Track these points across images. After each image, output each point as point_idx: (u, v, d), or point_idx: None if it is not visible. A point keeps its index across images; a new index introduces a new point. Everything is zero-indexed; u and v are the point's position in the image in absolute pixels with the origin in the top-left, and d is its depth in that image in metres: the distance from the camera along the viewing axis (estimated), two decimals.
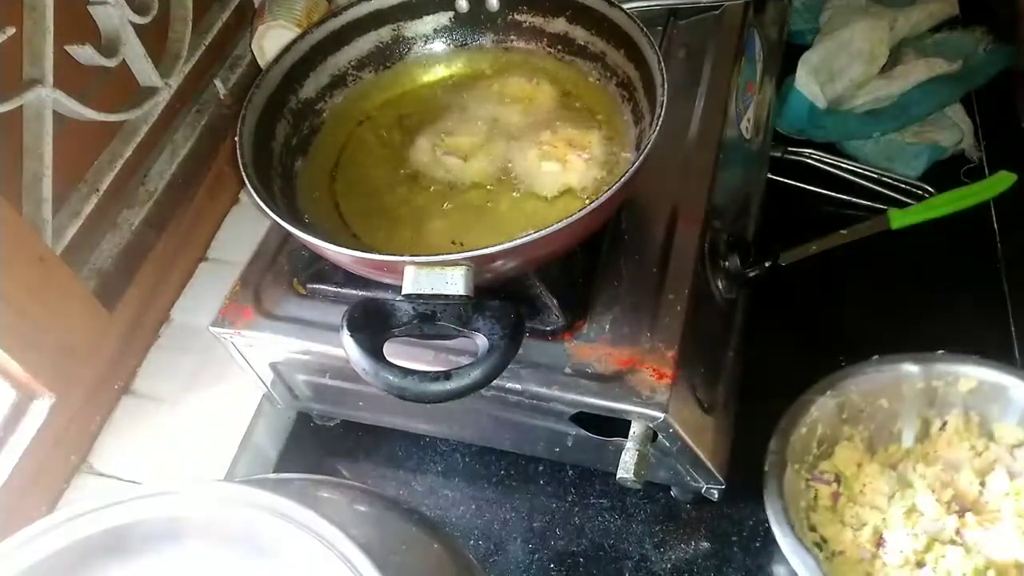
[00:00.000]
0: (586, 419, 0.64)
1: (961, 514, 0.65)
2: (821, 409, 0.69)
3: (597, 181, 0.68)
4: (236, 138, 0.64)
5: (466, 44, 0.79)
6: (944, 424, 0.70)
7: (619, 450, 0.61)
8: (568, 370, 0.62)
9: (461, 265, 0.54)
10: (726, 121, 0.77)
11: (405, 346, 0.62)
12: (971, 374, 0.68)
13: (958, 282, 0.85)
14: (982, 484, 0.67)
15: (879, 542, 0.65)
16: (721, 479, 0.68)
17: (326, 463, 0.82)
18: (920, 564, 0.63)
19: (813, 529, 0.67)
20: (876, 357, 0.70)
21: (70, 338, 0.73)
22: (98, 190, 0.77)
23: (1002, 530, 0.64)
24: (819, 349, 0.80)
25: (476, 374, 0.53)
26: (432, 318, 0.55)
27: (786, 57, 1.00)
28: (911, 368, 0.69)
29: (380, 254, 0.56)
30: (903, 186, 0.93)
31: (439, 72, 0.79)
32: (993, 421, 0.69)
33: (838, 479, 0.69)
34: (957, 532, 0.64)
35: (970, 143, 0.96)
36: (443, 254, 0.54)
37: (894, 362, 0.70)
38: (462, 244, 0.65)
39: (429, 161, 0.71)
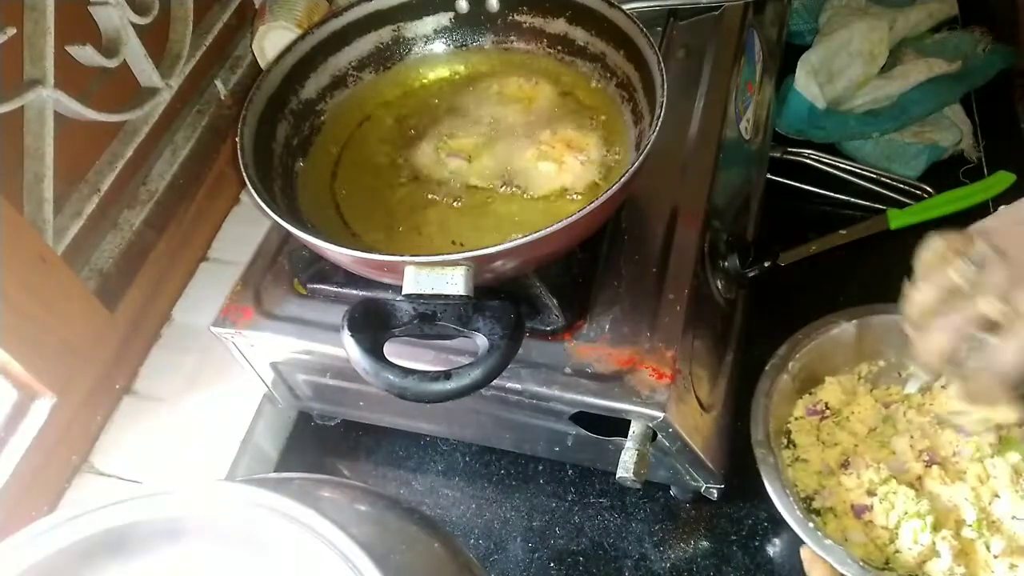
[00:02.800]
0: (586, 419, 0.64)
1: (929, 465, 0.68)
2: (843, 332, 0.72)
3: (593, 183, 0.68)
4: (237, 138, 0.64)
5: (466, 45, 0.79)
6: (946, 384, 0.73)
7: (619, 449, 0.62)
8: (568, 370, 0.63)
9: (461, 265, 0.55)
10: (726, 121, 0.77)
11: (405, 346, 0.63)
12: None
13: None
14: (957, 446, 0.70)
15: (843, 463, 0.69)
16: (720, 478, 0.68)
17: (327, 462, 0.82)
18: (871, 492, 0.67)
19: (788, 435, 0.71)
20: None
21: (71, 338, 0.73)
22: (99, 190, 0.77)
23: (958, 488, 0.67)
24: None
25: (476, 374, 0.53)
26: (432, 318, 0.55)
27: (786, 57, 1.00)
28: None
29: (380, 254, 0.56)
30: (902, 186, 0.93)
31: (439, 73, 0.79)
32: None
33: (827, 408, 0.73)
34: (919, 479, 0.68)
35: (969, 143, 0.96)
36: (443, 254, 0.54)
37: None
38: (462, 244, 0.66)
39: (432, 162, 0.71)
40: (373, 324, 0.55)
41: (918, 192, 0.92)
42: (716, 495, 0.71)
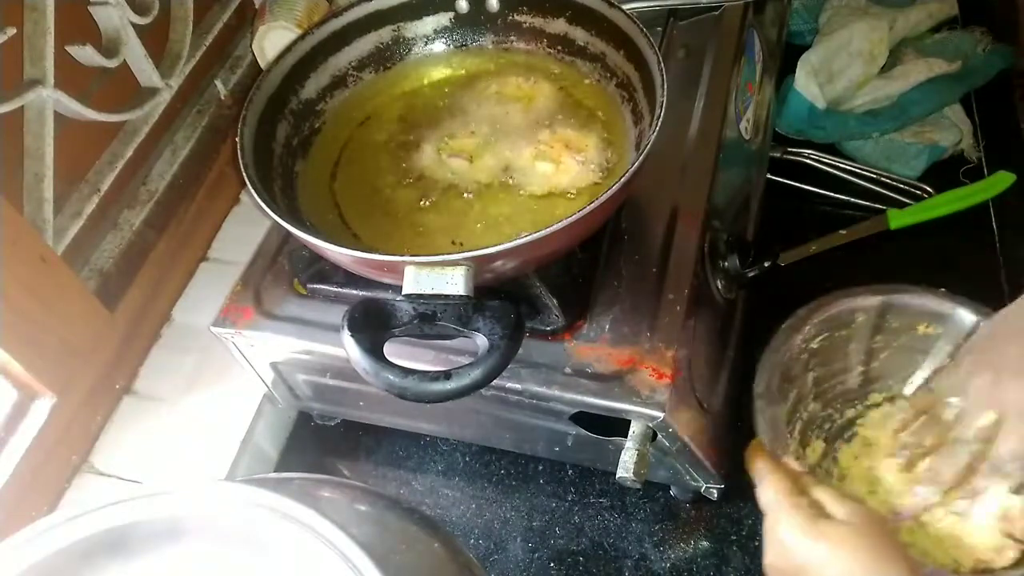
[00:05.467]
0: (586, 418, 0.64)
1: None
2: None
3: (590, 184, 0.68)
4: (237, 138, 0.64)
5: (466, 45, 0.79)
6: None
7: (619, 449, 0.62)
8: (568, 370, 0.63)
9: (461, 265, 0.55)
10: (726, 121, 0.77)
11: (405, 346, 0.62)
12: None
13: (957, 282, 0.85)
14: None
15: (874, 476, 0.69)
16: (720, 478, 0.68)
17: (327, 462, 0.82)
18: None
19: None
20: (943, 290, 0.72)
21: (71, 338, 0.73)
22: (99, 190, 0.77)
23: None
24: None
25: (476, 374, 0.53)
26: (432, 318, 0.55)
27: (786, 57, 1.00)
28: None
29: (380, 254, 0.56)
30: (902, 186, 0.93)
31: (439, 73, 0.79)
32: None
33: None
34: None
35: (969, 143, 0.96)
36: (443, 254, 0.54)
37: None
38: (462, 244, 0.66)
39: (433, 162, 0.71)
40: (373, 324, 0.55)
41: (918, 192, 0.92)
42: (716, 495, 0.71)
